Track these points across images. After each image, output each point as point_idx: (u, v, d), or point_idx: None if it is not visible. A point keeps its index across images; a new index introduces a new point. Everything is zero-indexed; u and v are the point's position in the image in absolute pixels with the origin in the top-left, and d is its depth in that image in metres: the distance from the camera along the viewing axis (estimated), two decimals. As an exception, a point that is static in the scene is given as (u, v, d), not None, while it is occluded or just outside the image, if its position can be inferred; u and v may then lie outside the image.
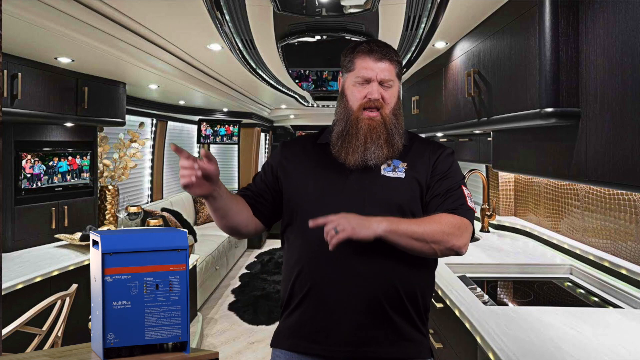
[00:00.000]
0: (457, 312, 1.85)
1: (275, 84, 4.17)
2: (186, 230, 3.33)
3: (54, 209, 3.43)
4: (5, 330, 1.86)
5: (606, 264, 2.13)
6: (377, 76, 1.33)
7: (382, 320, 1.27)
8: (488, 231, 3.28)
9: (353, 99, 1.35)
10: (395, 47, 2.75)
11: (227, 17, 2.18)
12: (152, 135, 5.83)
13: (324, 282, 1.27)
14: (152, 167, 5.81)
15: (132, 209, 4.33)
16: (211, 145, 7.71)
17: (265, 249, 7.16)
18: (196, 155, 7.53)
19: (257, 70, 3.43)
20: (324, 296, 1.27)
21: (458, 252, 1.26)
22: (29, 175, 3.27)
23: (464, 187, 1.35)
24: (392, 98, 1.36)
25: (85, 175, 3.80)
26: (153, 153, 5.83)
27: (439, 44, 2.82)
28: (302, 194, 1.35)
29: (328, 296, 1.26)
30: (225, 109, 6.61)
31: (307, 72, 3.43)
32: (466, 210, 1.30)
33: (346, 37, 2.47)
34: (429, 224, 1.23)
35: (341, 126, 1.35)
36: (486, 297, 2.04)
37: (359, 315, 1.25)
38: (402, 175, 1.32)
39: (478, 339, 1.61)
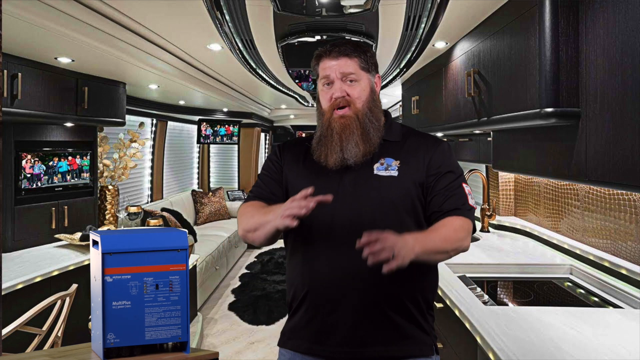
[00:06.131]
0: (457, 312, 1.85)
1: (275, 84, 4.17)
2: (186, 230, 3.33)
3: (54, 209, 3.43)
4: (5, 330, 1.86)
5: (606, 264, 2.13)
6: (337, 73, 1.33)
7: (381, 320, 1.27)
8: (488, 231, 3.28)
9: (323, 101, 1.37)
10: (395, 47, 2.78)
11: (227, 17, 2.18)
12: (152, 135, 5.83)
13: (322, 283, 1.28)
14: (152, 167, 5.81)
15: (132, 209, 4.33)
16: (211, 145, 7.71)
17: (265, 249, 7.16)
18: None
19: (257, 70, 3.43)
20: (322, 297, 1.28)
21: (464, 251, 1.28)
22: (29, 175, 3.27)
23: (464, 185, 1.34)
24: (361, 92, 1.34)
25: (85, 175, 3.81)
26: (153, 153, 5.83)
27: (439, 44, 2.82)
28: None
29: (326, 297, 1.27)
30: (225, 109, 6.61)
31: (307, 72, 3.43)
32: (467, 210, 1.31)
33: (346, 37, 2.47)
34: (445, 234, 1.24)
35: (319, 131, 1.37)
36: (486, 297, 2.04)
37: (357, 316, 1.26)
38: (394, 173, 1.30)
39: (478, 339, 1.61)
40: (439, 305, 2.10)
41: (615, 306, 1.94)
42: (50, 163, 3.46)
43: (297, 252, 1.35)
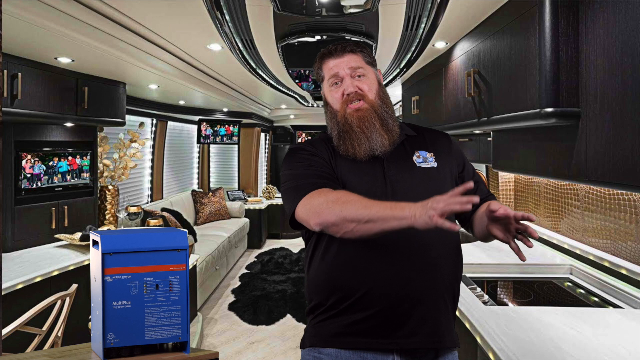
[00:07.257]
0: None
1: (275, 84, 4.17)
2: (186, 230, 3.33)
3: (54, 209, 3.43)
4: (5, 330, 1.86)
5: (606, 264, 2.13)
6: (345, 69, 1.35)
7: (443, 310, 1.26)
8: (488, 231, 3.27)
9: (334, 101, 1.37)
10: (395, 47, 2.78)
11: (227, 17, 2.18)
12: (152, 135, 5.83)
13: (388, 279, 1.22)
14: (152, 167, 5.81)
15: (132, 209, 4.33)
16: (211, 145, 7.71)
17: (265, 249, 7.17)
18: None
19: (257, 70, 3.43)
20: (388, 293, 1.22)
21: None
22: (29, 175, 3.27)
23: (479, 173, 1.45)
24: (371, 85, 1.36)
25: (85, 175, 3.81)
26: (153, 153, 5.83)
27: (439, 44, 2.82)
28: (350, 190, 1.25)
29: (393, 292, 1.22)
30: (225, 109, 6.61)
31: (307, 72, 3.43)
32: (492, 196, 1.44)
33: (346, 37, 2.47)
34: None
35: (335, 130, 1.35)
36: (486, 297, 2.04)
37: (425, 307, 1.24)
38: (434, 164, 1.33)
39: (478, 339, 1.61)
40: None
41: (615, 306, 1.94)
42: (50, 163, 3.47)
43: (346, 247, 1.25)
